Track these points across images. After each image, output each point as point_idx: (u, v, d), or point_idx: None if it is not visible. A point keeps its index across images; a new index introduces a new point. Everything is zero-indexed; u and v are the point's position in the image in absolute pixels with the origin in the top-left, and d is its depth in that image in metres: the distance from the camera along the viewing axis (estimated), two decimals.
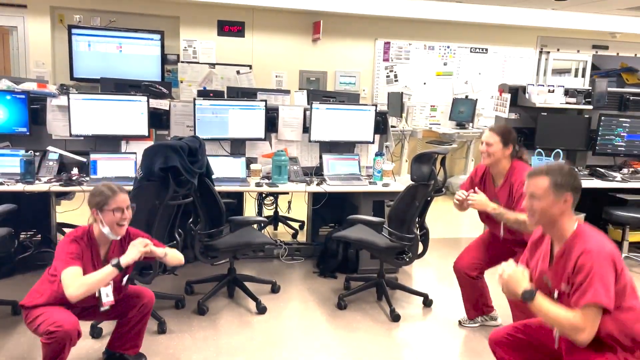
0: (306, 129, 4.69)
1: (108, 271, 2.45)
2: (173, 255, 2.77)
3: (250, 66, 7.52)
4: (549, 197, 2.14)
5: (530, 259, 2.38)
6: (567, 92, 5.17)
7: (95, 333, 3.21)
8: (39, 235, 4.44)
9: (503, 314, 3.60)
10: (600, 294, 1.98)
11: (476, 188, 3.31)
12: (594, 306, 2.00)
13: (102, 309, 2.53)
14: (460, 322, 3.62)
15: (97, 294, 2.48)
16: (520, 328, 2.42)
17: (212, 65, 7.39)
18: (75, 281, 2.37)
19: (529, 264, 2.36)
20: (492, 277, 3.47)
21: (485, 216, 3.40)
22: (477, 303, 3.54)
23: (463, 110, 7.82)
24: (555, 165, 2.20)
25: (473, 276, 3.41)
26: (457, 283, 3.55)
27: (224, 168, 4.27)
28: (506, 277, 2.19)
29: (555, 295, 2.17)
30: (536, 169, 2.21)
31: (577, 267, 2.05)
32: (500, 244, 3.37)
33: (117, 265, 2.46)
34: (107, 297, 2.51)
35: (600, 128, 5.09)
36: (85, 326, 3.25)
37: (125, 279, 2.66)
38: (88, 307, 2.62)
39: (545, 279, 2.23)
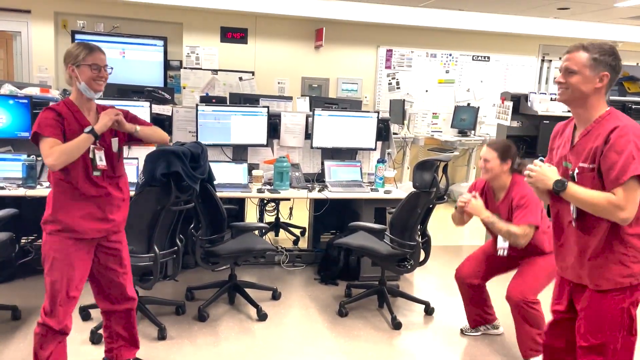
0: (308, 136, 4.69)
1: (83, 138, 2.39)
2: (150, 132, 2.69)
3: (252, 72, 7.52)
4: (585, 72, 2.03)
5: (553, 146, 2.27)
6: None
7: (95, 339, 3.20)
8: (40, 240, 4.43)
9: (505, 323, 3.58)
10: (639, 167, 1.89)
11: (476, 194, 3.30)
12: (637, 181, 1.91)
13: (95, 173, 2.48)
14: (462, 331, 3.60)
15: (90, 155, 2.46)
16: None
17: (215, 71, 7.40)
18: (53, 150, 2.33)
19: (552, 161, 2.25)
20: (494, 286, 3.47)
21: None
22: (478, 312, 3.52)
23: (465, 118, 7.83)
24: (597, 42, 2.08)
25: (474, 285, 3.40)
26: (458, 291, 3.54)
27: (226, 174, 4.27)
28: (534, 175, 2.10)
29: (575, 173, 2.07)
30: (576, 44, 2.10)
31: (611, 143, 1.94)
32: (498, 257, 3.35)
33: (92, 132, 2.41)
34: (101, 160, 2.50)
35: None
36: (85, 332, 3.25)
37: (114, 144, 2.58)
38: (96, 239, 2.57)
39: (565, 164, 2.14)
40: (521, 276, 3.18)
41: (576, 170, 2.07)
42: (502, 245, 3.19)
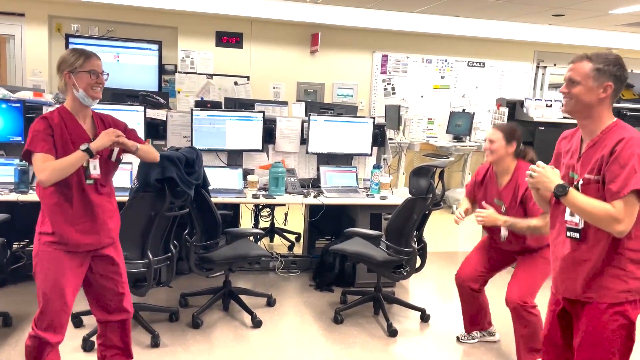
0: (304, 141, 4.67)
1: (77, 156, 2.34)
2: (146, 150, 2.66)
3: (248, 77, 7.52)
4: (588, 82, 2.00)
5: (559, 160, 2.25)
6: None
7: (87, 346, 3.16)
8: (32, 246, 4.38)
9: (501, 330, 3.57)
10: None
11: (484, 203, 3.27)
12: (636, 195, 1.90)
13: (88, 181, 2.44)
14: (458, 338, 3.58)
15: (84, 165, 2.40)
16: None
17: (210, 76, 7.38)
18: (46, 166, 2.29)
19: (557, 166, 2.22)
20: (493, 290, 3.45)
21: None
22: (476, 318, 3.50)
23: (460, 124, 7.84)
24: (602, 52, 2.06)
25: (475, 289, 3.38)
26: (455, 297, 3.52)
27: (221, 179, 4.24)
28: (536, 175, 2.08)
29: (580, 184, 2.05)
30: (581, 54, 2.08)
31: (615, 155, 1.93)
32: (499, 250, 3.34)
33: (87, 151, 2.35)
34: (95, 169, 2.45)
35: None
36: (76, 339, 3.21)
37: (114, 153, 2.54)
38: (91, 252, 2.53)
39: (572, 174, 2.12)
40: (518, 278, 3.17)
41: (581, 181, 2.06)
42: (504, 232, 3.18)
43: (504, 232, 3.20)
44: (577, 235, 2.08)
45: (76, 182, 2.41)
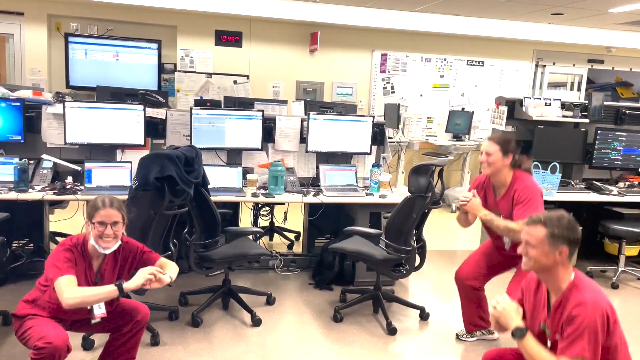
0: (303, 140, 4.68)
1: (108, 289, 2.38)
2: (174, 275, 2.67)
3: (247, 76, 7.52)
4: (544, 247, 2.13)
5: (524, 300, 2.37)
6: (564, 106, 5.18)
7: (87, 345, 3.16)
8: (32, 245, 4.39)
9: None
10: (586, 348, 1.99)
11: (475, 191, 3.30)
12: (580, 359, 2.01)
13: (93, 321, 2.47)
14: (457, 336, 3.58)
15: (88, 307, 2.43)
16: (514, 354, 2.40)
17: (209, 74, 7.38)
18: (71, 288, 2.33)
19: (522, 303, 2.35)
20: (494, 286, 3.45)
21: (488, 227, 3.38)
22: (476, 316, 3.51)
23: (459, 123, 7.84)
24: (555, 215, 2.17)
25: (475, 286, 3.38)
26: (454, 296, 3.53)
27: (220, 178, 4.25)
28: (500, 309, 2.20)
29: (549, 344, 2.18)
30: (535, 217, 2.19)
31: (570, 318, 2.05)
32: (501, 254, 3.35)
33: (119, 287, 2.38)
34: (100, 309, 2.46)
35: (596, 141, 5.09)
36: (76, 338, 3.20)
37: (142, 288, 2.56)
38: (79, 320, 2.57)
39: (543, 327, 2.24)
40: (519, 282, 3.17)
41: (549, 343, 2.18)
42: (507, 240, 3.22)
43: (506, 240, 3.22)
44: None
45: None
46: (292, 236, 5.44)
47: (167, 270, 2.60)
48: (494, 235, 3.39)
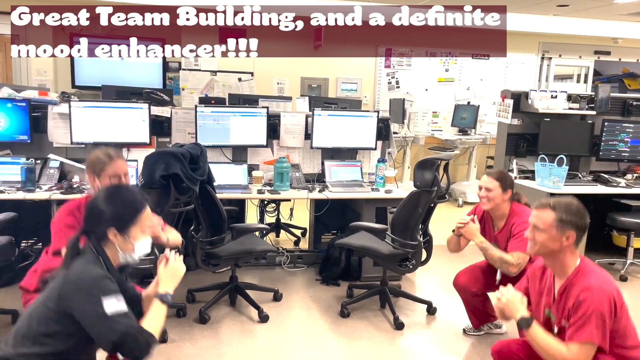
0: (308, 136, 4.68)
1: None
2: (173, 238, 2.68)
3: (251, 73, 7.51)
4: (551, 231, 2.14)
5: (529, 288, 2.37)
6: (570, 98, 5.15)
7: None
8: (40, 244, 4.42)
9: (508, 322, 3.56)
10: (594, 333, 2.00)
11: (475, 217, 3.32)
12: (589, 344, 2.01)
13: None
14: (464, 330, 3.58)
15: None
16: (522, 345, 2.40)
17: (214, 72, 7.38)
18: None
19: (527, 292, 2.35)
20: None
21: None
22: (480, 313, 3.49)
23: (465, 117, 7.81)
24: (564, 200, 2.18)
25: (474, 291, 3.38)
26: None
27: (226, 175, 4.25)
28: (504, 301, 2.20)
29: (555, 330, 2.18)
30: (544, 201, 2.20)
31: (577, 303, 2.06)
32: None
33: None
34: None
35: (603, 133, 5.06)
36: None
37: None
38: None
39: (548, 313, 2.25)
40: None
41: (555, 329, 2.19)
42: (499, 276, 3.23)
43: (498, 276, 3.24)
44: None
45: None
46: (298, 232, 5.45)
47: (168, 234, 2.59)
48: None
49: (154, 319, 1.98)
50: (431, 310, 3.87)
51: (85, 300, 1.78)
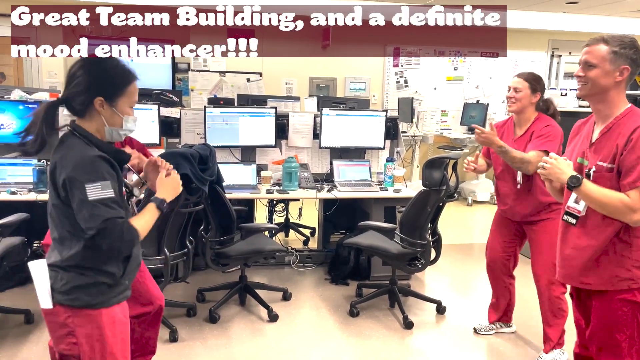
0: (316, 136, 4.68)
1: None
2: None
3: (260, 74, 7.52)
4: (605, 65, 1.98)
5: (567, 145, 2.26)
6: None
7: None
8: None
9: (518, 322, 3.55)
10: None
11: (492, 122, 3.19)
12: None
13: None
14: (475, 330, 3.57)
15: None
16: None
17: (223, 73, 7.41)
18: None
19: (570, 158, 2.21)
20: (520, 279, 3.44)
21: (499, 171, 3.31)
22: (502, 306, 3.46)
23: (474, 115, 7.78)
24: (617, 34, 2.04)
25: (505, 262, 3.33)
26: (471, 289, 3.52)
27: (235, 175, 4.27)
28: (549, 166, 2.06)
29: (592, 171, 2.03)
30: (597, 36, 2.05)
31: (632, 144, 1.91)
32: (510, 223, 3.30)
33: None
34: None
35: None
36: None
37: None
38: None
39: (580, 160, 2.11)
40: (538, 253, 3.13)
41: (593, 169, 2.03)
42: (520, 178, 3.11)
43: (519, 178, 3.13)
44: (573, 220, 2.09)
45: None
46: (307, 232, 5.46)
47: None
48: (500, 195, 3.33)
49: (144, 220, 1.99)
50: (441, 310, 3.86)
51: (71, 187, 1.77)
